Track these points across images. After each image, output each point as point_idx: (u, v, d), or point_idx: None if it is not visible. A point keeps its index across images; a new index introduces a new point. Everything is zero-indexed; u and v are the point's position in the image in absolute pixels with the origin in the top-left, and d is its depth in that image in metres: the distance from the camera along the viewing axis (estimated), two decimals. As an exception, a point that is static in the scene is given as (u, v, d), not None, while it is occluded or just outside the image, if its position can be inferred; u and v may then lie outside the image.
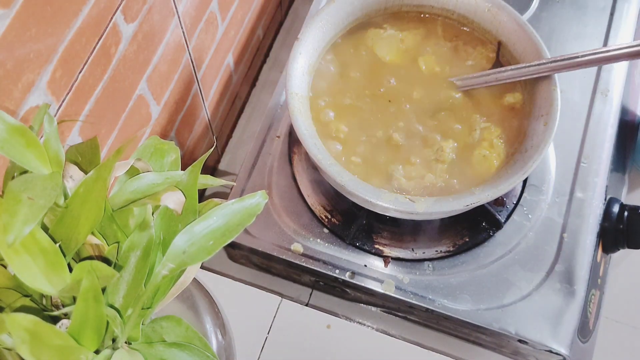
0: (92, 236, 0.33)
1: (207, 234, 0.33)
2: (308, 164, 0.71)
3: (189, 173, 0.36)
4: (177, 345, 0.35)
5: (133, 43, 0.54)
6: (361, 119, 0.65)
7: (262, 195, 0.35)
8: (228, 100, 0.86)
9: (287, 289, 0.74)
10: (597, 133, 0.72)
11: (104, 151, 0.56)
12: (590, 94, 0.75)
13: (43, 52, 0.43)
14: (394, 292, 0.64)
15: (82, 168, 0.35)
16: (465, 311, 0.63)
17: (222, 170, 0.88)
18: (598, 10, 0.81)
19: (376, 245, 0.67)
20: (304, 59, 0.64)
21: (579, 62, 0.59)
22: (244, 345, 0.62)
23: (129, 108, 0.58)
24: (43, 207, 0.29)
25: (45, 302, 0.34)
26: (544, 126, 0.59)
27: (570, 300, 0.63)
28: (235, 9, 0.77)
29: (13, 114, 0.42)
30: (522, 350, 0.65)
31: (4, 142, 0.30)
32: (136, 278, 0.33)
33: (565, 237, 0.66)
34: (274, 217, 0.68)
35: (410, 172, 0.62)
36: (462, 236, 0.67)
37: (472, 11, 0.68)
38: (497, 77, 0.64)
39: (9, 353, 0.32)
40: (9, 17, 0.39)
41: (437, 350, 0.63)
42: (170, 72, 0.64)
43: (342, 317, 0.70)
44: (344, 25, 0.69)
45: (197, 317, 0.46)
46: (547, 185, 0.69)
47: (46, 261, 0.31)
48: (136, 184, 0.35)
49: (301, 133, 0.59)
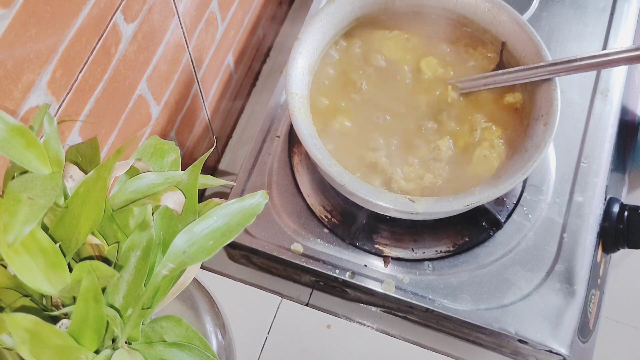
0: (92, 236, 0.33)
1: (207, 234, 0.33)
2: (308, 164, 0.71)
3: (189, 173, 0.36)
4: (177, 345, 0.35)
5: (133, 43, 0.54)
6: (361, 121, 0.65)
7: (262, 195, 0.35)
8: (228, 100, 0.86)
9: (287, 289, 0.74)
10: (597, 133, 0.72)
11: (104, 151, 0.56)
12: (590, 94, 0.75)
13: (43, 52, 0.43)
14: (394, 292, 0.64)
15: (82, 168, 0.35)
16: (465, 311, 0.63)
17: (222, 170, 0.88)
18: (598, 10, 0.81)
19: (376, 245, 0.67)
20: (304, 59, 0.64)
21: (578, 67, 0.59)
22: (244, 345, 0.62)
23: (129, 108, 0.58)
24: (43, 207, 0.29)
25: (45, 302, 0.34)
26: (544, 126, 0.59)
27: (570, 300, 0.63)
28: (235, 9, 0.77)
29: (13, 114, 0.42)
30: (522, 350, 0.65)
31: (4, 142, 0.30)
32: (136, 278, 0.33)
33: (565, 237, 0.66)
34: (274, 217, 0.68)
35: (409, 173, 0.62)
36: (462, 236, 0.67)
37: (472, 11, 0.68)
38: (496, 80, 0.64)
39: (9, 353, 0.32)
40: (9, 17, 0.39)
41: (437, 350, 0.63)
42: (170, 72, 0.64)
43: (342, 317, 0.70)
44: (344, 25, 0.69)
45: (197, 317, 0.46)
46: (547, 185, 0.69)
47: (46, 261, 0.31)
48: (136, 184, 0.35)
49: (301, 133, 0.59)
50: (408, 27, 0.70)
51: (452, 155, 0.63)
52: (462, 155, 0.63)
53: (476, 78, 0.65)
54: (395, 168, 0.62)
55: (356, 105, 0.66)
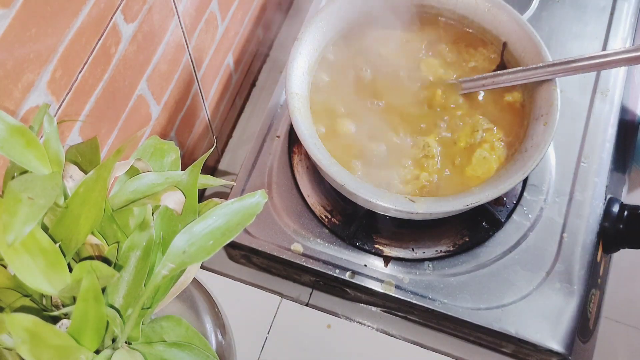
0: (92, 236, 0.33)
1: (207, 233, 0.33)
2: (308, 164, 0.71)
3: (189, 173, 0.36)
4: (177, 345, 0.35)
5: (133, 43, 0.54)
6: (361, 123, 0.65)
7: (262, 194, 0.35)
8: (228, 100, 0.86)
9: (287, 289, 0.74)
10: (597, 133, 0.72)
11: (104, 151, 0.56)
12: (590, 94, 0.75)
13: (43, 52, 0.43)
14: (394, 291, 0.64)
15: (82, 168, 0.35)
16: (465, 311, 0.63)
17: (222, 170, 0.88)
18: (598, 10, 0.81)
19: (376, 245, 0.67)
20: (303, 59, 0.64)
21: (577, 67, 0.59)
22: (244, 345, 0.62)
23: (129, 108, 0.58)
24: (43, 207, 0.29)
25: (45, 302, 0.34)
26: (544, 126, 0.59)
27: (571, 300, 0.63)
28: (235, 9, 0.77)
29: (13, 114, 0.42)
30: (522, 350, 0.65)
31: (4, 142, 0.30)
32: (136, 278, 0.34)
33: (565, 237, 0.66)
34: (274, 217, 0.68)
35: (405, 175, 0.62)
36: (462, 236, 0.67)
37: (472, 11, 0.68)
38: (495, 81, 0.64)
39: (9, 353, 0.32)
40: (9, 17, 0.39)
41: (437, 350, 0.63)
42: (170, 72, 0.64)
43: (342, 317, 0.70)
44: (344, 25, 0.69)
45: (197, 317, 0.46)
46: (547, 185, 0.69)
47: (46, 261, 0.31)
48: (136, 184, 0.35)
49: (301, 133, 0.59)
50: (409, 27, 0.70)
51: (444, 151, 0.63)
52: (463, 155, 0.63)
53: (476, 79, 0.65)
54: (391, 172, 0.62)
55: (355, 106, 0.66)
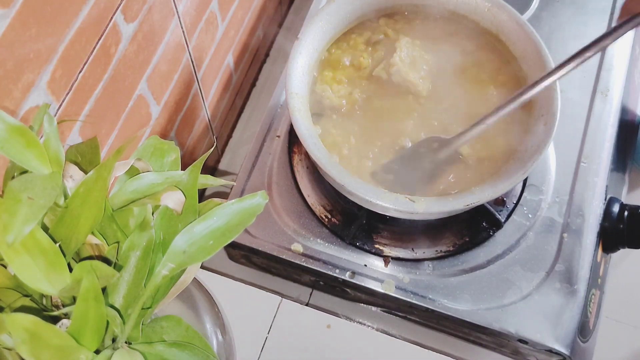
0: (92, 236, 0.33)
1: (207, 234, 0.33)
2: (308, 164, 0.71)
3: (189, 173, 0.36)
4: (177, 345, 0.35)
5: (133, 43, 0.54)
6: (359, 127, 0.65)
7: (262, 195, 0.35)
8: (228, 100, 0.86)
9: (287, 289, 0.74)
10: (597, 133, 0.72)
11: (104, 151, 0.56)
12: (590, 94, 0.75)
13: (43, 52, 0.43)
14: (394, 291, 0.64)
15: (82, 168, 0.35)
16: (465, 311, 0.63)
17: (222, 170, 0.88)
18: (598, 10, 0.81)
19: (376, 245, 0.67)
20: (304, 59, 0.64)
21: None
22: (244, 345, 0.62)
23: (129, 108, 0.58)
24: (43, 207, 0.29)
25: (45, 302, 0.34)
26: (544, 126, 0.59)
27: (571, 300, 0.63)
28: (235, 9, 0.77)
29: (13, 114, 0.42)
30: (522, 350, 0.65)
31: (4, 142, 0.30)
32: (136, 278, 0.34)
33: (565, 237, 0.66)
34: (274, 217, 0.68)
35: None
36: (462, 236, 0.67)
37: (472, 11, 0.68)
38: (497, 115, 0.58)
39: (9, 353, 0.32)
40: (9, 17, 0.39)
41: (437, 350, 0.63)
42: (170, 72, 0.64)
43: (342, 317, 0.70)
44: (344, 25, 0.69)
45: (197, 317, 0.46)
46: (547, 185, 0.69)
47: (46, 261, 0.31)
48: (136, 183, 0.35)
49: (301, 133, 0.59)
50: (408, 27, 0.70)
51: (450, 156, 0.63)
52: (462, 156, 0.63)
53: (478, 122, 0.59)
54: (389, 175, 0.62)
55: (355, 107, 0.66)
